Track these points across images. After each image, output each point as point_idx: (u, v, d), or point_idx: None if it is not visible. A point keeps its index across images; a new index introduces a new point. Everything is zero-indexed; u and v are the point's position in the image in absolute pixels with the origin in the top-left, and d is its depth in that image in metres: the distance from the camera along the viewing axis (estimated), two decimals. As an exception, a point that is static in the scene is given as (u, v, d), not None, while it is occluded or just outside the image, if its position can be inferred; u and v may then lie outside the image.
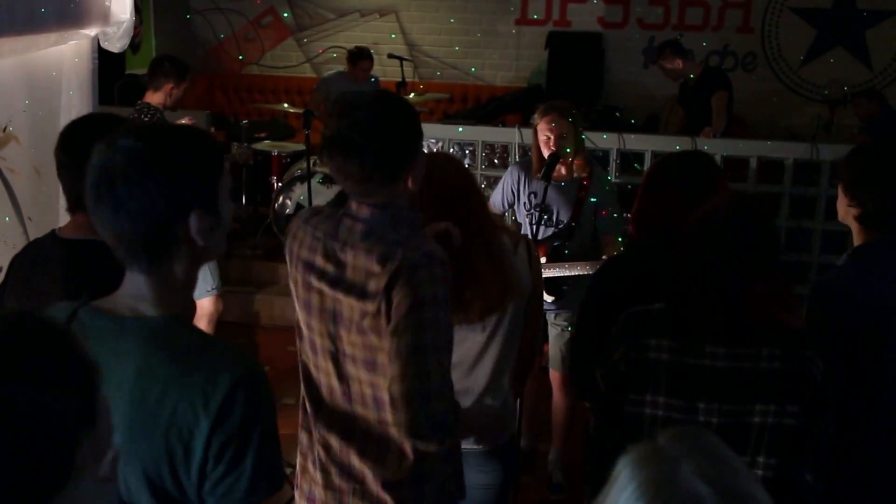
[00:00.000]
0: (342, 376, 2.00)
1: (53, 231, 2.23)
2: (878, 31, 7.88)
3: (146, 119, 4.31)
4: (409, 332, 1.83)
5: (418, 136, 1.96)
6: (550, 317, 3.81)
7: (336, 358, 2.00)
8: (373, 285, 1.87)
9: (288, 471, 4.06)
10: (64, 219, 3.12)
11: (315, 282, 1.98)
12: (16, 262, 2.25)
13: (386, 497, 2.01)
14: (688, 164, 2.48)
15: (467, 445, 2.39)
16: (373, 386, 1.96)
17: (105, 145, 1.39)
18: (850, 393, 2.14)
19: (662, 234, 2.31)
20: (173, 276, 1.45)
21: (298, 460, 2.22)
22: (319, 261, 1.97)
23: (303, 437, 2.19)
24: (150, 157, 1.37)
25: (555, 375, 3.91)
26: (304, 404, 2.15)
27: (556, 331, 3.82)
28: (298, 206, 6.11)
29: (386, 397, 1.90)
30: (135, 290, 1.44)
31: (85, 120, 2.26)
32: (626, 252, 2.62)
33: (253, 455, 1.39)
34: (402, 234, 1.90)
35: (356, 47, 7.11)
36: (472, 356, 2.40)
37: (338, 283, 1.94)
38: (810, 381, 1.89)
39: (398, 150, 1.90)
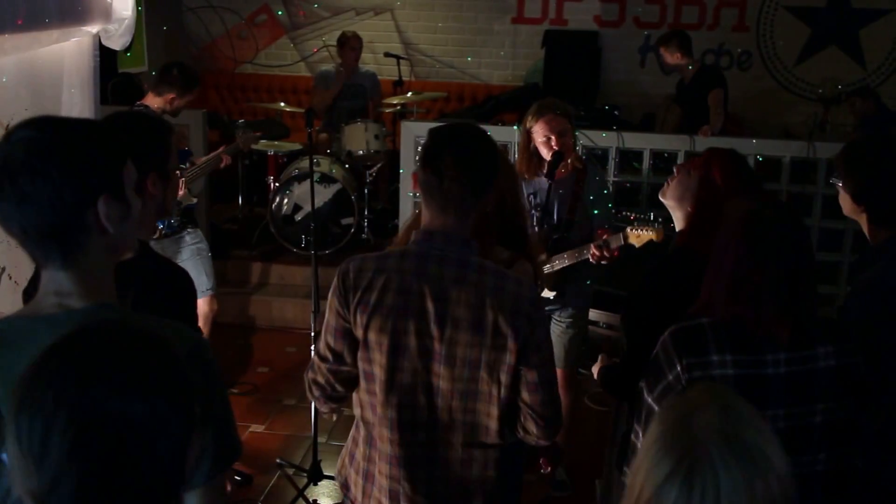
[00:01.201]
0: (432, 408, 2.07)
1: None
2: (872, 30, 7.93)
3: None
4: (548, 360, 2.10)
5: (498, 158, 2.12)
6: (553, 315, 3.81)
7: (428, 392, 2.06)
8: (491, 317, 2.00)
9: (290, 471, 4.05)
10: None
11: (413, 324, 2.02)
12: None
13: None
14: (743, 164, 2.45)
15: None
16: (467, 412, 2.08)
17: (4, 139, 1.36)
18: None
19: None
20: (91, 265, 1.41)
21: (361, 486, 2.22)
22: (415, 301, 2.02)
23: (380, 478, 2.17)
24: (50, 145, 1.34)
25: (558, 373, 3.90)
26: (370, 446, 2.17)
27: (560, 329, 3.81)
28: (296, 207, 6.09)
29: (486, 423, 2.09)
30: (56, 287, 1.40)
31: (112, 119, 2.24)
32: (674, 258, 2.57)
33: (214, 429, 1.41)
34: (490, 263, 2.07)
35: (341, 33, 7.09)
36: None
37: (443, 320, 2.01)
38: (859, 374, 1.92)
39: (494, 166, 2.06)
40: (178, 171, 2.77)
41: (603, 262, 3.48)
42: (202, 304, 4.43)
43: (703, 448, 1.20)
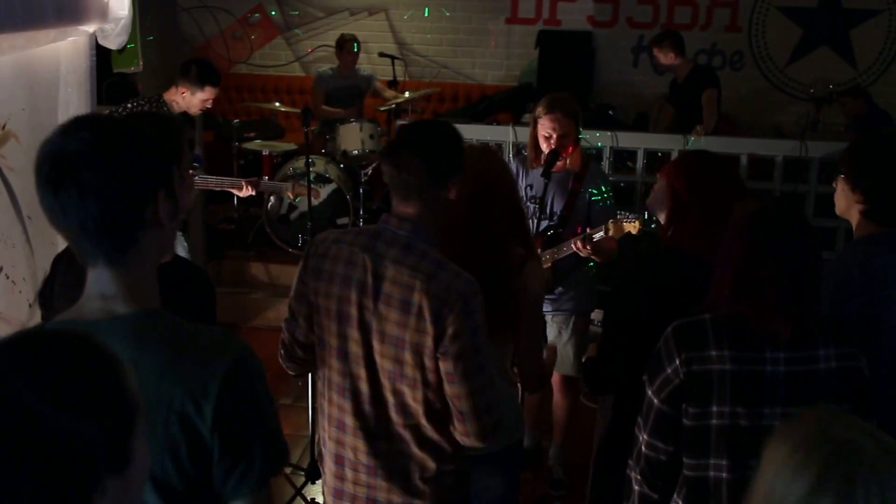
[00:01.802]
0: (373, 382, 2.14)
1: None
2: (863, 31, 7.97)
3: (145, 107, 4.28)
4: (473, 356, 2.05)
5: (462, 152, 2.17)
6: (548, 318, 3.83)
7: (369, 365, 2.13)
8: (418, 300, 2.02)
9: (287, 471, 4.06)
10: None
11: (355, 294, 2.10)
12: (62, 260, 2.24)
13: (423, 489, 2.18)
14: (726, 167, 2.49)
15: (479, 451, 2.42)
16: (396, 393, 2.12)
17: (60, 135, 1.35)
18: None
19: (704, 241, 2.30)
20: (140, 266, 1.40)
21: (326, 461, 2.30)
22: (358, 273, 2.09)
23: (329, 442, 2.27)
24: (113, 141, 1.35)
25: (555, 375, 3.93)
26: (324, 411, 2.26)
27: (555, 332, 3.83)
28: (291, 207, 6.10)
29: (415, 406, 2.12)
30: (101, 289, 1.39)
31: (127, 119, 2.26)
32: (660, 258, 2.59)
33: (262, 436, 1.40)
34: (438, 255, 2.09)
35: (340, 36, 7.10)
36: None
37: (377, 295, 2.08)
38: (861, 378, 1.92)
39: (453, 156, 2.12)
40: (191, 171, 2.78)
41: (593, 257, 3.51)
42: None
43: (857, 450, 1.16)
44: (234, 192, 4.72)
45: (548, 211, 3.72)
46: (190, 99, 4.34)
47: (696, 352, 1.90)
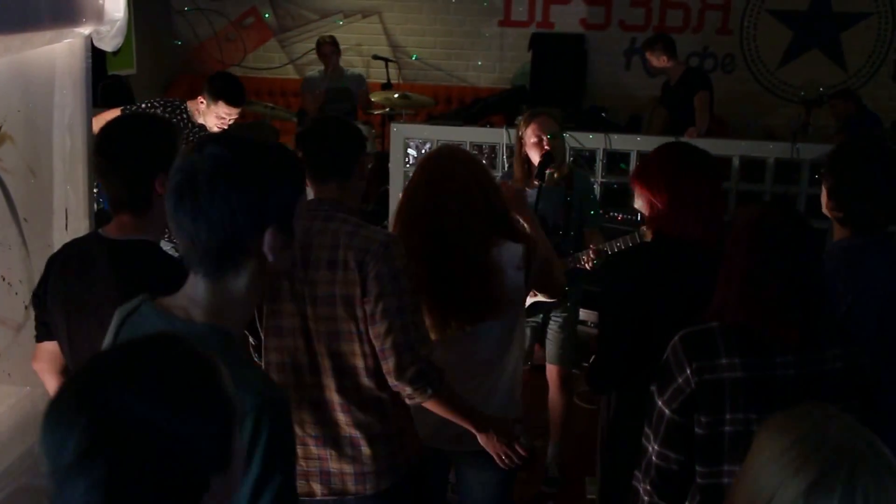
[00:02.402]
0: (310, 352, 2.25)
1: (97, 231, 2.25)
2: (853, 34, 8.03)
3: (158, 110, 4.23)
4: (394, 296, 2.16)
5: (362, 143, 2.42)
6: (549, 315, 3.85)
7: (306, 335, 2.24)
8: (342, 256, 2.16)
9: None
10: (59, 219, 3.12)
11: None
12: (56, 262, 2.26)
13: (366, 450, 2.26)
14: (705, 155, 2.52)
15: (473, 447, 2.44)
16: (334, 356, 2.23)
17: (192, 150, 1.41)
18: None
19: (694, 229, 2.35)
20: (234, 288, 1.45)
21: None
22: None
23: None
24: (235, 169, 1.39)
25: (552, 371, 3.94)
26: None
27: (554, 327, 3.85)
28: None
29: (353, 363, 2.23)
30: (192, 293, 1.45)
31: (119, 122, 2.28)
32: (648, 247, 2.62)
33: (275, 487, 1.37)
34: (358, 220, 2.27)
35: (318, 39, 7.20)
36: (480, 360, 2.53)
37: (306, 263, 2.21)
38: (866, 375, 1.94)
39: (343, 144, 2.35)
40: None
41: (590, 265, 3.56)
42: None
43: (856, 454, 1.18)
44: None
45: (549, 225, 3.74)
46: (205, 111, 4.24)
47: (707, 361, 1.89)
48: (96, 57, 3.20)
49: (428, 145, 5.40)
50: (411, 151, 5.44)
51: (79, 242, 2.30)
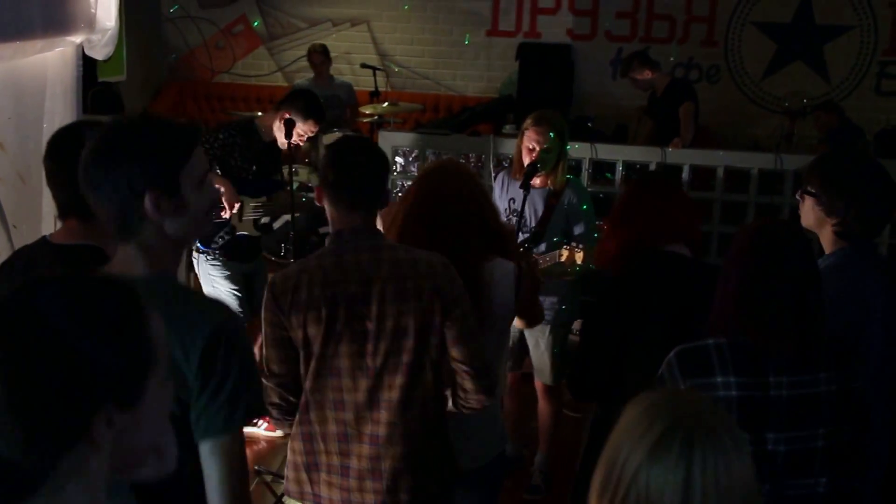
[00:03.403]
0: (372, 387, 2.18)
1: (44, 237, 2.24)
2: (836, 46, 8.11)
3: (237, 138, 4.12)
4: (468, 318, 2.21)
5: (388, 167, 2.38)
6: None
7: (367, 373, 2.18)
8: (411, 285, 2.13)
9: (268, 478, 4.08)
10: (48, 226, 3.14)
11: (343, 308, 2.14)
12: (4, 269, 2.24)
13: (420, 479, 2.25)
14: (665, 184, 2.60)
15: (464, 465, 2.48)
16: (405, 389, 2.18)
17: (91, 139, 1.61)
18: None
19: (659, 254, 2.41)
20: (150, 244, 1.62)
21: (322, 478, 2.28)
22: (341, 287, 2.14)
23: (327, 457, 2.25)
24: (110, 143, 1.59)
25: (539, 383, 3.99)
26: (316, 434, 2.24)
27: (533, 341, 3.88)
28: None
29: (420, 394, 2.20)
30: (123, 258, 1.63)
31: (71, 128, 2.29)
32: (632, 269, 2.66)
33: (237, 385, 1.57)
34: (403, 246, 2.25)
35: (310, 46, 7.22)
36: None
37: (367, 298, 2.15)
38: (861, 399, 1.93)
39: (376, 171, 2.26)
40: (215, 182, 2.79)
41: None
42: None
43: (698, 417, 1.25)
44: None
45: (528, 225, 3.78)
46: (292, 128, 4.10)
47: (702, 379, 1.88)
48: (86, 64, 3.23)
49: (415, 153, 5.44)
50: (399, 160, 5.48)
51: (27, 248, 2.28)
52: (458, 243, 2.43)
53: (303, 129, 4.13)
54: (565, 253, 3.50)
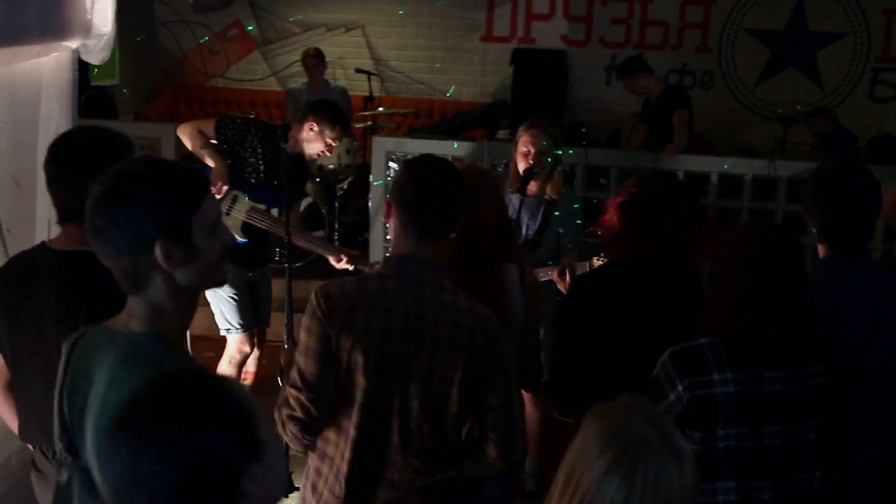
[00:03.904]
0: (405, 428, 2.09)
1: (44, 243, 2.24)
2: (829, 53, 8.17)
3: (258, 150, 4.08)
4: (509, 389, 2.15)
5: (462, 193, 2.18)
6: None
7: (401, 414, 2.08)
8: (466, 338, 2.04)
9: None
10: (42, 230, 3.14)
11: (397, 342, 2.05)
12: (1, 274, 2.24)
13: None
14: (670, 189, 2.53)
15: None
16: (430, 434, 2.10)
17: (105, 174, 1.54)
18: None
19: (644, 255, 2.40)
20: (157, 300, 1.55)
21: None
22: (398, 322, 2.05)
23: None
24: (118, 189, 1.50)
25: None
26: (334, 464, 2.17)
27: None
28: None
29: (442, 446, 2.13)
30: (128, 309, 1.58)
31: (73, 133, 2.29)
32: (603, 270, 2.68)
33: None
34: (459, 290, 2.11)
35: (304, 51, 7.24)
36: None
37: (421, 339, 2.05)
38: (846, 391, 1.99)
39: (456, 200, 2.13)
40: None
41: (561, 287, 3.57)
42: (229, 343, 4.46)
43: (644, 442, 1.37)
44: (329, 258, 4.18)
45: (524, 232, 3.79)
46: (314, 136, 4.07)
47: (699, 377, 1.92)
48: (79, 68, 3.23)
49: (409, 158, 5.44)
50: (392, 165, 5.49)
51: (25, 254, 2.28)
52: (489, 245, 2.43)
53: (331, 137, 4.08)
54: (596, 264, 3.48)
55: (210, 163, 3.97)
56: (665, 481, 1.36)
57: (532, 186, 3.73)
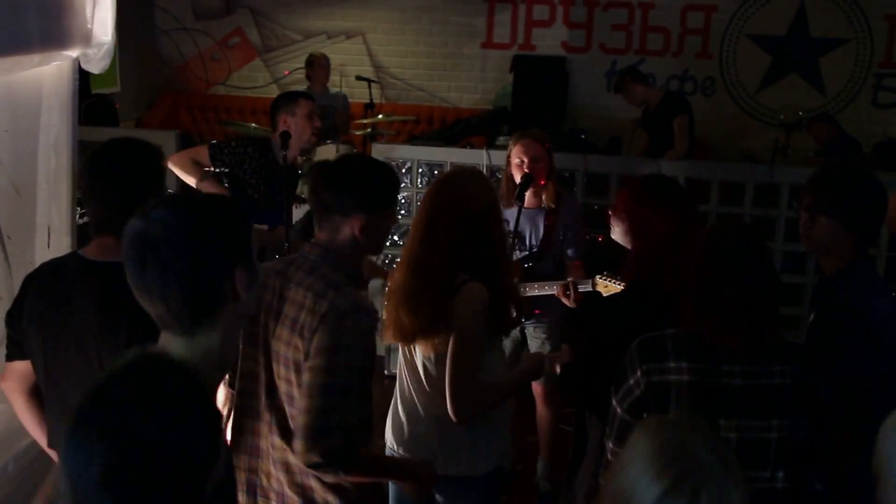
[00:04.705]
0: (272, 407, 2.15)
1: (76, 252, 2.26)
2: (831, 59, 8.16)
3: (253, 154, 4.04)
4: (324, 374, 2.01)
5: (394, 197, 2.28)
6: (529, 329, 3.88)
7: (269, 391, 2.15)
8: (304, 319, 2.06)
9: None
10: (41, 237, 3.14)
11: (263, 316, 2.14)
12: (33, 281, 2.26)
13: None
14: (677, 195, 2.59)
15: (450, 471, 2.49)
16: (290, 418, 2.11)
17: (139, 217, 1.44)
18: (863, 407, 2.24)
19: (663, 272, 2.44)
20: (207, 343, 1.47)
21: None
22: (269, 296, 2.14)
23: (240, 472, 2.23)
24: (188, 220, 1.44)
25: (537, 388, 3.97)
26: (236, 440, 2.23)
27: (536, 343, 3.88)
28: (268, 226, 6.11)
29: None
30: (171, 350, 1.45)
31: (111, 145, 2.29)
32: (630, 291, 2.74)
33: None
34: (338, 278, 2.12)
35: (309, 55, 7.25)
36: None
37: (279, 316, 2.12)
38: (817, 396, 2.01)
39: (357, 189, 2.16)
40: None
41: (566, 302, 3.56)
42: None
43: (705, 468, 1.32)
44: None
45: (527, 244, 3.79)
46: (295, 123, 4.02)
47: (657, 363, 2.01)
48: (80, 75, 3.23)
49: (408, 165, 5.44)
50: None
51: (58, 262, 2.30)
52: (439, 267, 2.40)
53: (304, 113, 4.03)
54: (599, 284, 3.48)
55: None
56: None
57: (528, 199, 3.72)
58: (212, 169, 4.00)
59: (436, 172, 5.42)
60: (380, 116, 7.10)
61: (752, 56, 8.27)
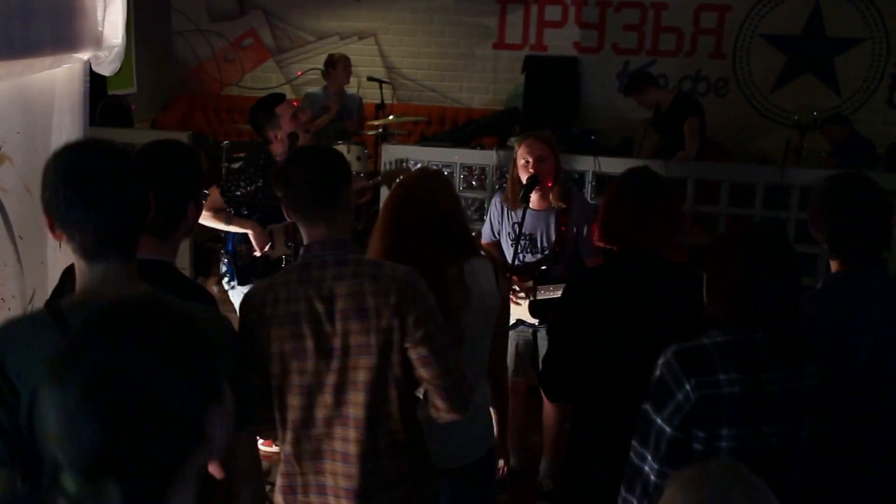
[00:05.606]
0: (340, 403, 2.15)
1: None
2: (846, 59, 8.08)
3: (259, 162, 4.12)
4: (438, 334, 2.15)
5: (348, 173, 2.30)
6: (541, 332, 3.89)
7: (336, 391, 2.14)
8: (372, 303, 2.08)
9: (267, 488, 4.08)
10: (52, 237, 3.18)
11: (306, 326, 2.11)
12: (71, 275, 2.25)
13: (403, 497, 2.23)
14: (644, 177, 2.64)
15: (451, 463, 2.51)
16: (371, 406, 2.13)
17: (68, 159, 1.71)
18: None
19: (630, 242, 2.52)
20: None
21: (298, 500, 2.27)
22: (303, 305, 2.11)
23: (301, 477, 2.24)
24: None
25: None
26: (291, 454, 2.23)
27: (546, 345, 3.89)
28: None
29: (384, 410, 2.15)
30: (115, 277, 1.71)
31: (155, 146, 2.32)
32: (602, 266, 2.80)
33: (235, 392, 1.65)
34: (367, 258, 2.24)
35: (329, 55, 7.25)
36: None
37: (332, 315, 2.11)
38: (838, 392, 2.04)
39: (333, 172, 2.22)
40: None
41: None
42: None
43: None
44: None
45: (539, 246, 3.79)
46: (286, 125, 4.15)
47: (706, 376, 1.94)
48: (96, 76, 3.27)
49: (419, 166, 5.47)
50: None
51: None
52: (428, 246, 2.48)
53: (283, 122, 4.13)
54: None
55: (242, 231, 4.04)
56: None
57: (537, 202, 3.73)
58: (230, 210, 4.03)
59: (445, 173, 5.43)
60: (391, 117, 7.12)
61: (766, 56, 8.23)
